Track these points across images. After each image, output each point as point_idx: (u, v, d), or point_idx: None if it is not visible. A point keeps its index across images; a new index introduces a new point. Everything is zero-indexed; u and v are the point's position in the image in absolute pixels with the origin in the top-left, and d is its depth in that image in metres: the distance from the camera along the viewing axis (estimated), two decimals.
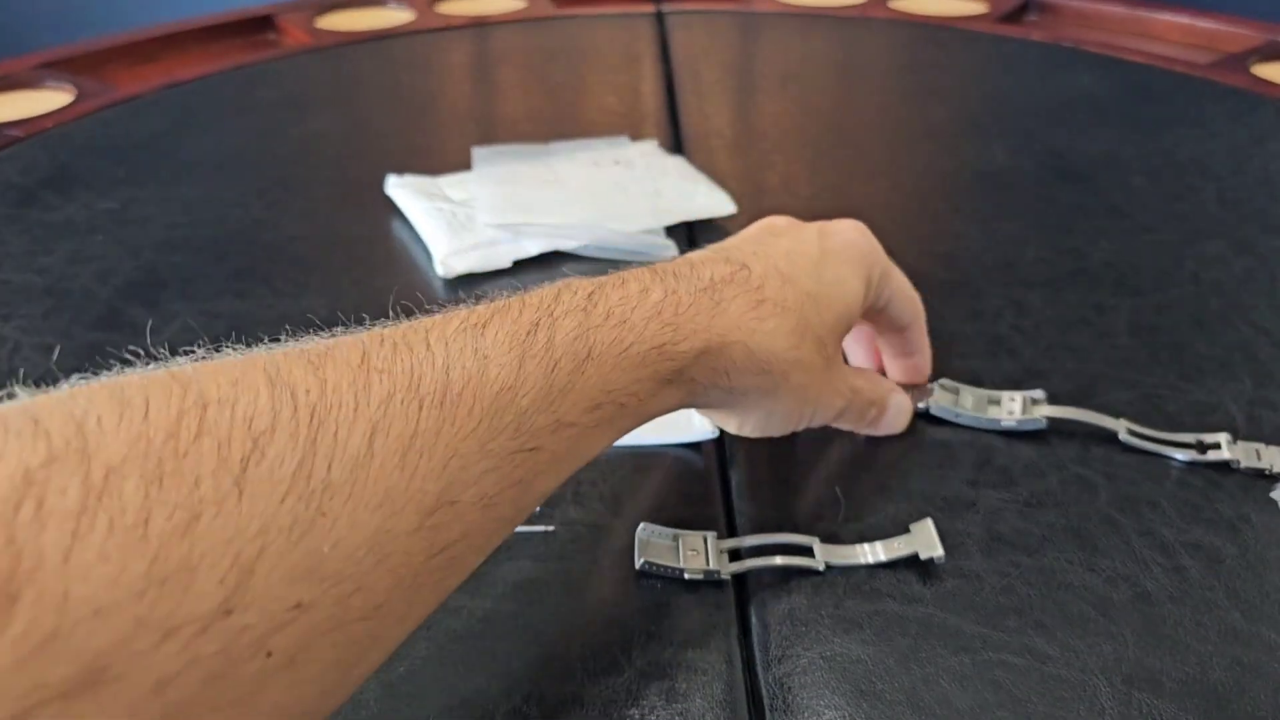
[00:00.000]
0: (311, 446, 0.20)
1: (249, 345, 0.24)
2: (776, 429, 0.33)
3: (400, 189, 0.56)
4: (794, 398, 0.32)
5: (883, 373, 0.40)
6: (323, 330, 0.27)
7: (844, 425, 0.36)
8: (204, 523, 0.17)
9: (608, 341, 0.26)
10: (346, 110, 0.74)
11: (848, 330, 0.34)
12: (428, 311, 0.26)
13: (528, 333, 0.25)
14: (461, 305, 0.26)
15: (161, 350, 0.23)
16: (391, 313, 0.46)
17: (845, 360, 0.37)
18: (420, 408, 0.22)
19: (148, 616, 0.16)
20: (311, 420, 0.20)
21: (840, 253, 0.34)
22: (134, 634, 0.16)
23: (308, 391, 0.21)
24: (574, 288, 0.27)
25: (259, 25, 0.94)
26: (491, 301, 0.26)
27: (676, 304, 0.28)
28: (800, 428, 0.34)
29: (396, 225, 0.55)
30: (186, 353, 0.22)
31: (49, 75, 0.78)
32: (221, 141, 0.67)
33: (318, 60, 0.85)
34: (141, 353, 0.24)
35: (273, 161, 0.64)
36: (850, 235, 0.35)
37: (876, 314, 0.37)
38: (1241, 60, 0.80)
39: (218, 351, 0.23)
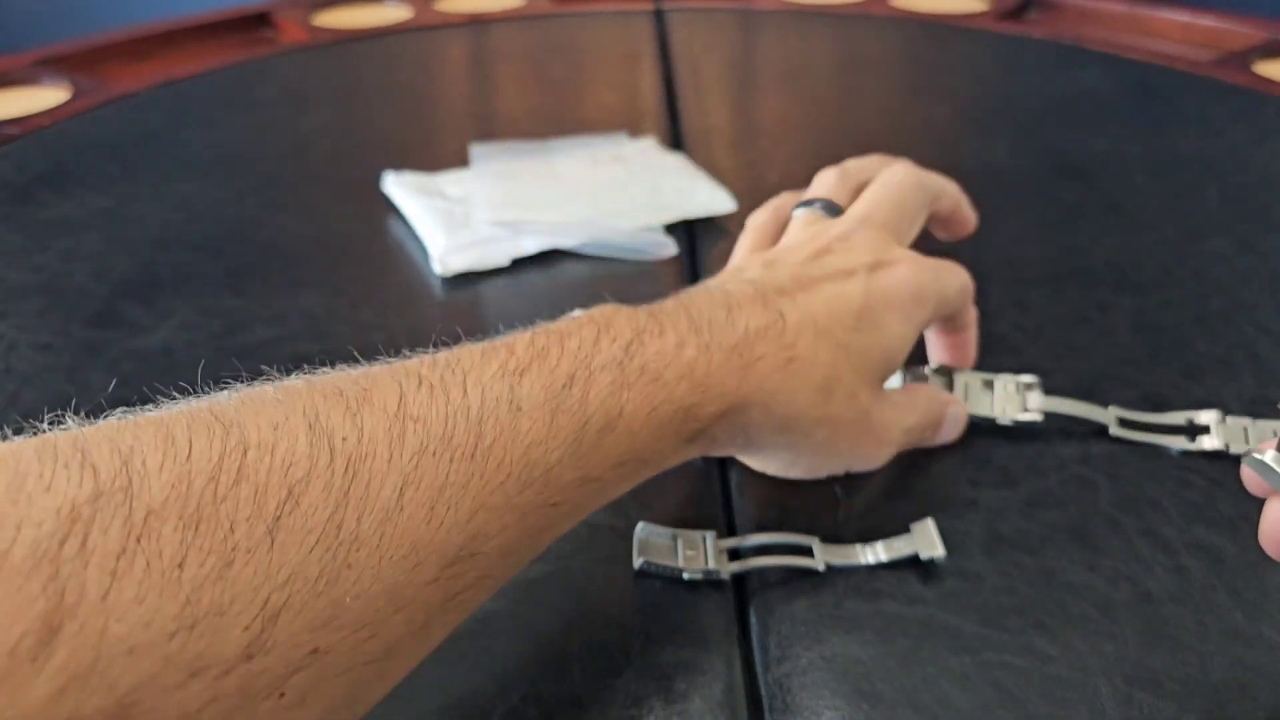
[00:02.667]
0: (344, 497, 0.20)
1: (288, 372, 0.24)
2: (803, 474, 0.33)
3: (398, 186, 0.56)
4: (819, 453, 0.31)
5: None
6: (323, 326, 0.26)
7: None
8: (235, 569, 0.18)
9: (639, 400, 0.26)
10: (344, 107, 0.73)
11: (890, 373, 0.33)
12: (447, 337, 0.27)
13: (564, 385, 0.25)
14: (504, 336, 0.26)
15: (198, 387, 0.24)
16: (390, 313, 0.46)
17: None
18: (451, 460, 0.22)
19: (177, 657, 0.17)
20: (346, 470, 0.20)
21: (889, 297, 0.32)
22: (163, 672, 0.17)
23: (344, 440, 0.21)
24: (614, 333, 0.27)
25: (256, 22, 0.94)
26: (533, 339, 0.26)
27: (709, 363, 0.28)
28: (840, 473, 0.33)
29: (394, 223, 0.54)
30: (225, 384, 0.23)
31: (45, 72, 0.78)
32: (218, 139, 0.67)
33: (315, 57, 0.85)
34: (141, 350, 0.24)
35: (270, 159, 0.64)
36: (902, 274, 0.33)
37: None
38: (1244, 58, 0.80)
39: (256, 382, 0.23)
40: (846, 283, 0.32)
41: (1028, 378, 0.38)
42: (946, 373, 0.38)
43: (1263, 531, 0.24)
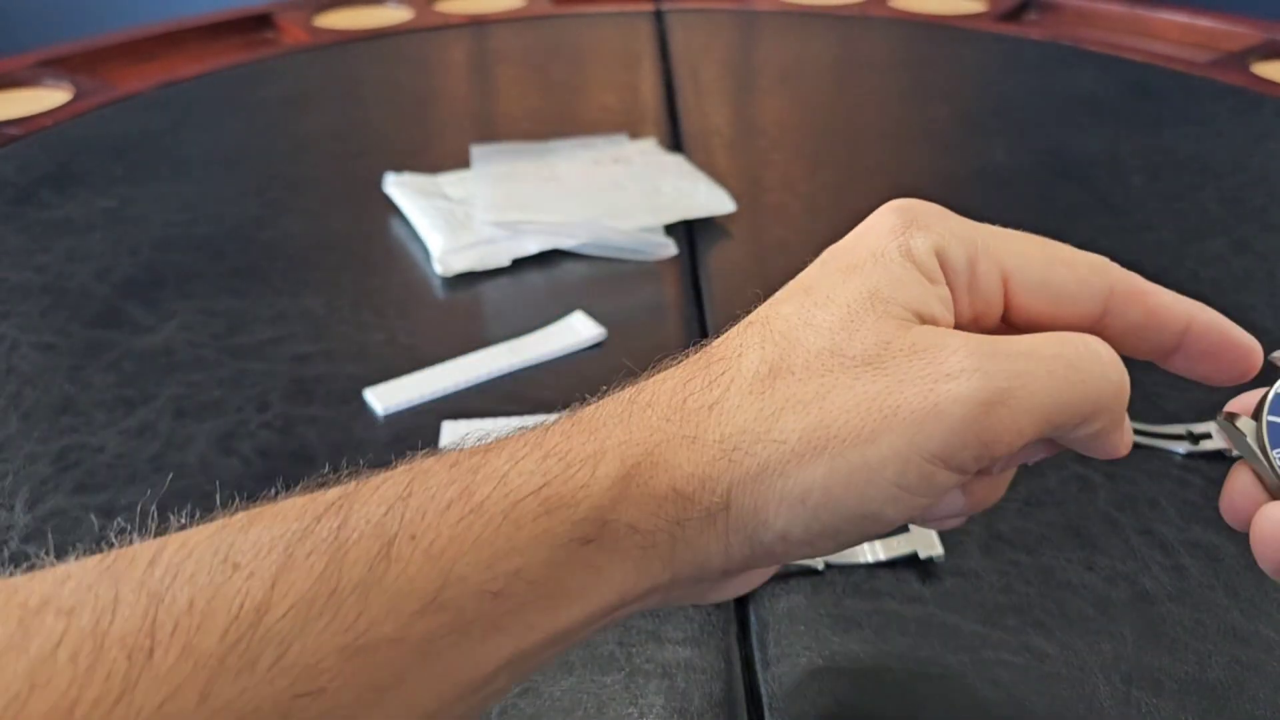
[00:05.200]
0: None
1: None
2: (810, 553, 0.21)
3: (399, 187, 0.56)
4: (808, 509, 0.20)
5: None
6: (324, 326, 0.25)
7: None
8: None
9: (438, 507, 0.18)
10: (345, 108, 0.74)
11: (918, 317, 0.21)
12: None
13: (314, 520, 0.17)
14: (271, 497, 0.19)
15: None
16: (391, 313, 0.46)
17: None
18: (96, 659, 0.15)
19: None
20: None
21: (874, 293, 0.21)
22: None
23: None
24: (421, 457, 0.20)
25: (258, 23, 0.94)
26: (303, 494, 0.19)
27: (573, 424, 0.20)
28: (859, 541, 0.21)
29: (395, 223, 0.54)
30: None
31: (47, 73, 0.78)
32: (220, 140, 0.67)
33: (316, 58, 0.85)
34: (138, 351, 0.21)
35: (271, 160, 0.64)
36: (872, 246, 0.22)
37: (1004, 309, 0.23)
38: (1241, 59, 0.80)
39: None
40: (815, 289, 0.22)
41: None
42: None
43: (1223, 500, 0.21)
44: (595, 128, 0.67)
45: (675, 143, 0.66)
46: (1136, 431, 0.37)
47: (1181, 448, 0.36)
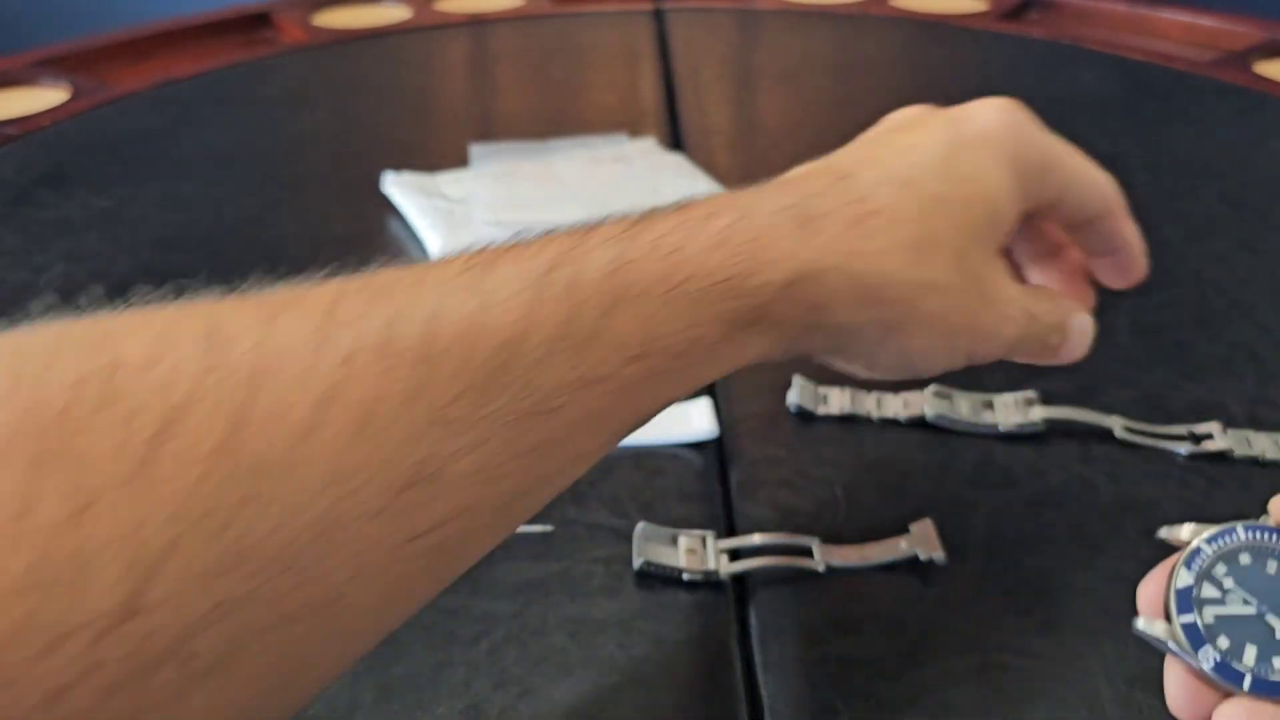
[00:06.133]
0: (242, 416, 0.16)
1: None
2: (923, 369, 0.27)
3: (398, 186, 0.56)
4: (932, 331, 0.25)
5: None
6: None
7: (1020, 358, 0.29)
8: (98, 512, 0.15)
9: (652, 277, 0.21)
10: (343, 107, 0.73)
11: (1002, 238, 0.27)
12: None
13: (548, 269, 0.21)
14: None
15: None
16: None
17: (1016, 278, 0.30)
18: (392, 367, 0.18)
19: (31, 620, 0.14)
20: (248, 385, 0.17)
21: (978, 141, 0.27)
22: (14, 640, 0.14)
23: (247, 349, 0.17)
24: (620, 217, 0.23)
25: (256, 22, 0.94)
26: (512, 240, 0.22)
27: (750, 228, 0.23)
28: (961, 365, 0.27)
29: (393, 223, 0.54)
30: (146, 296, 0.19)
31: (44, 72, 0.78)
32: (218, 139, 0.67)
33: (314, 57, 0.85)
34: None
35: (269, 159, 0.64)
36: (988, 117, 0.28)
37: (1049, 212, 0.29)
38: (1243, 58, 0.79)
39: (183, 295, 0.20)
40: (925, 133, 0.27)
41: (1028, 393, 0.38)
42: (947, 395, 0.32)
43: (1170, 699, 0.21)
44: (595, 127, 0.67)
45: (675, 142, 0.66)
46: (1138, 432, 0.37)
47: (1183, 448, 0.36)
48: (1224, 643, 0.21)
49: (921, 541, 0.31)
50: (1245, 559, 0.22)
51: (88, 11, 1.70)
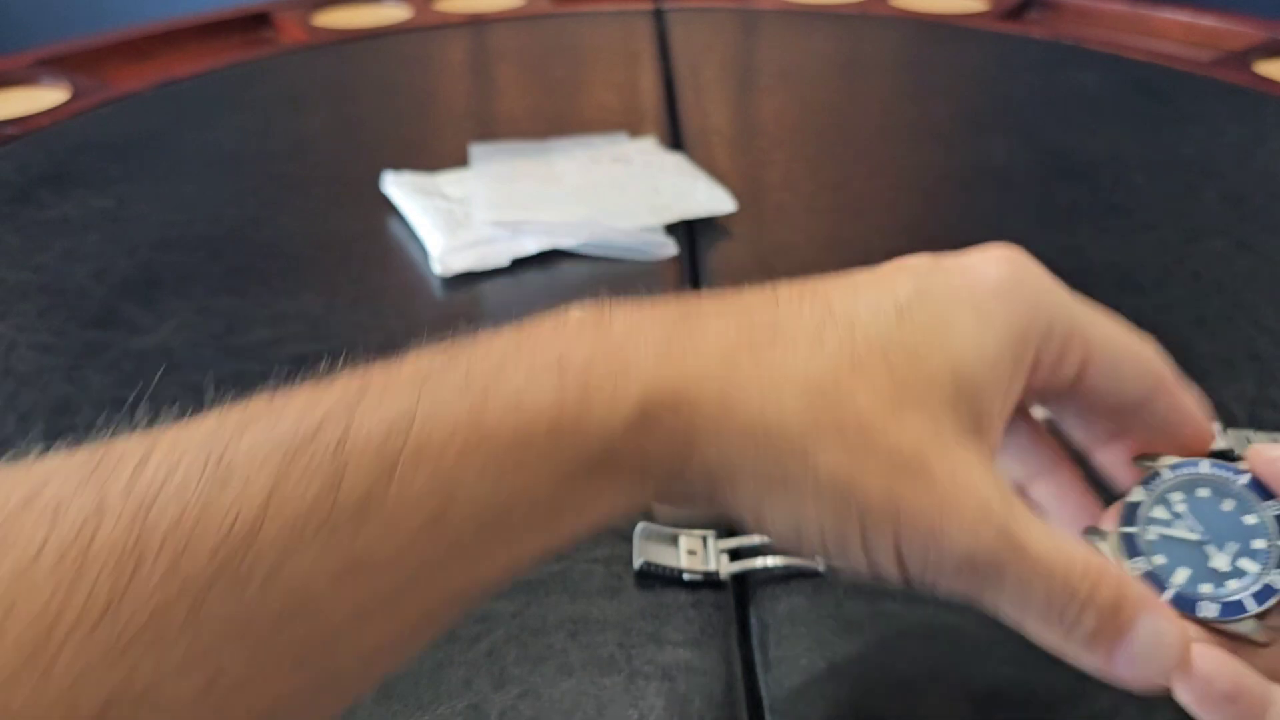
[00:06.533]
0: None
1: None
2: (832, 552, 0.20)
3: (398, 186, 0.56)
4: (834, 499, 0.19)
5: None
6: (322, 326, 0.24)
7: (1034, 630, 0.21)
8: None
9: (449, 426, 0.17)
10: (343, 108, 0.73)
11: (980, 415, 0.20)
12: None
13: (311, 433, 0.16)
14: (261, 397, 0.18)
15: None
16: (390, 313, 0.46)
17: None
18: (81, 572, 0.14)
19: None
20: None
21: (961, 293, 0.21)
22: None
23: None
24: (431, 349, 0.19)
25: (255, 22, 0.94)
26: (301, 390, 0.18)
27: (599, 343, 0.19)
28: (891, 569, 0.20)
29: (393, 223, 0.54)
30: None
31: (44, 72, 0.78)
32: (218, 139, 0.67)
33: (314, 57, 0.85)
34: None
35: (269, 159, 0.64)
36: (983, 270, 0.22)
37: (1067, 390, 0.22)
38: (1243, 58, 0.79)
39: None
40: (898, 273, 0.22)
41: None
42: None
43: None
44: (595, 127, 0.66)
45: (675, 142, 0.66)
46: None
47: None
48: (1159, 559, 0.21)
49: None
50: (1204, 492, 0.22)
51: (88, 11, 1.70)
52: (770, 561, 0.31)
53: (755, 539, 0.32)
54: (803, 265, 0.53)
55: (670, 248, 0.51)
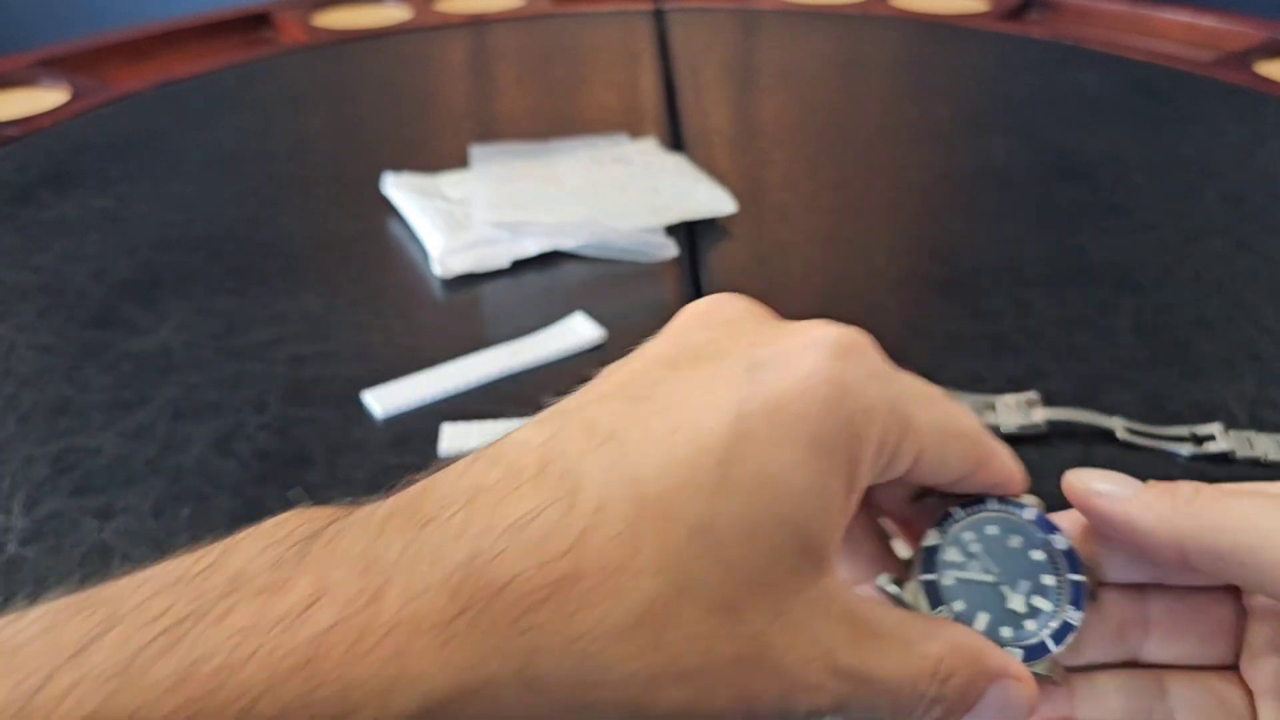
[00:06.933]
0: None
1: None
2: None
3: (398, 187, 0.56)
4: None
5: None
6: (322, 327, 0.24)
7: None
8: None
9: None
10: (344, 108, 0.73)
11: (819, 558, 0.18)
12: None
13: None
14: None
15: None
16: (390, 314, 0.46)
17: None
18: None
19: None
20: None
21: (778, 420, 0.18)
22: None
23: None
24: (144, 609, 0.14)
25: (255, 23, 0.94)
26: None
27: (353, 630, 0.14)
28: None
29: (393, 224, 0.54)
30: None
31: (44, 73, 0.78)
32: (218, 139, 0.67)
33: (314, 58, 0.85)
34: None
35: (269, 159, 0.64)
36: (797, 375, 0.18)
37: (892, 482, 0.21)
38: (1244, 58, 0.79)
39: None
40: (706, 397, 0.18)
41: (1030, 394, 0.38)
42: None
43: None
44: (595, 127, 0.66)
45: (675, 142, 0.66)
46: (1140, 433, 0.37)
47: (1185, 449, 0.36)
48: (959, 605, 0.21)
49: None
50: (992, 530, 0.22)
51: (88, 11, 1.70)
52: None
53: None
54: (802, 264, 0.53)
55: (671, 249, 0.51)
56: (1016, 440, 0.37)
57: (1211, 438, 0.36)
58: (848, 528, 0.19)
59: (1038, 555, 0.22)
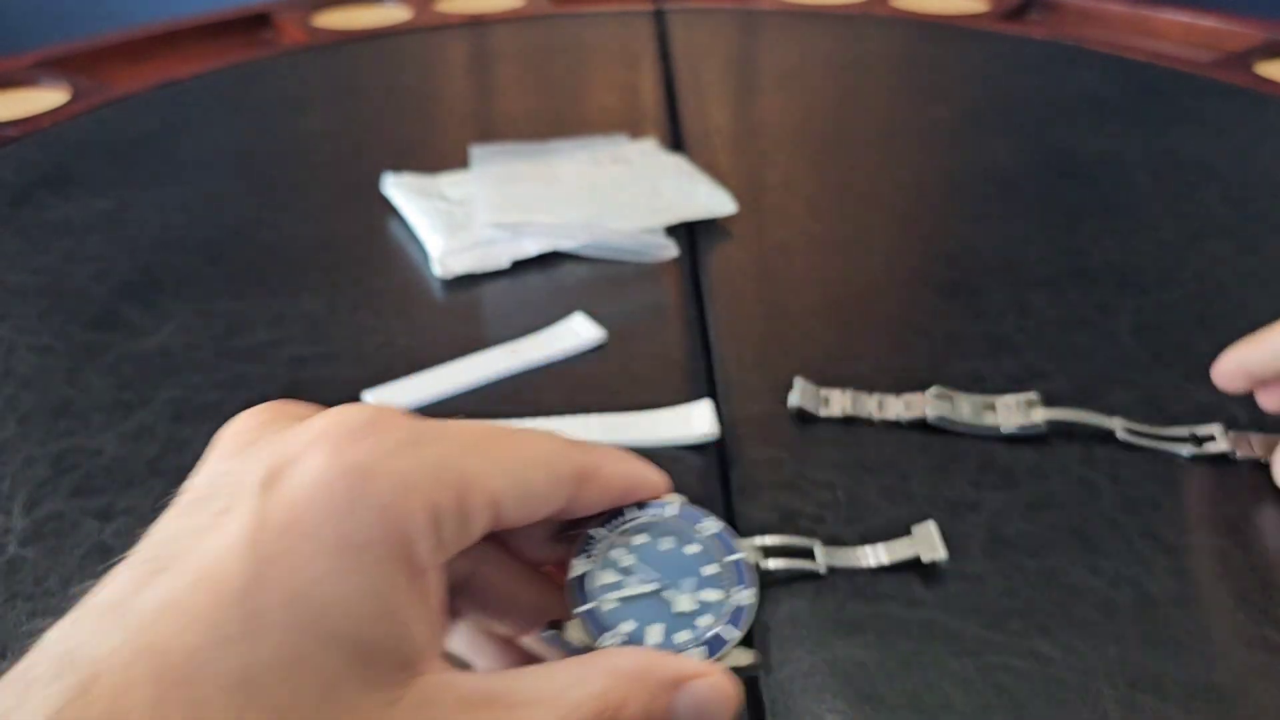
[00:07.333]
0: None
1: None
2: None
3: (398, 188, 0.56)
4: None
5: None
6: (323, 328, 0.24)
7: None
8: None
9: None
10: (344, 109, 0.73)
11: (406, 642, 0.17)
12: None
13: None
14: None
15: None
16: (390, 315, 0.46)
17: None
18: None
19: None
20: None
21: (298, 533, 0.16)
22: None
23: None
24: None
25: (255, 23, 0.94)
26: None
27: None
28: None
29: (394, 224, 0.54)
30: None
31: (44, 74, 0.78)
32: (218, 140, 0.67)
33: (314, 58, 0.85)
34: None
35: (269, 160, 0.64)
36: (306, 477, 0.17)
37: (520, 531, 0.21)
38: (1244, 59, 0.79)
39: None
40: (220, 538, 0.17)
41: (1030, 394, 0.38)
42: (949, 397, 0.23)
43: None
44: (595, 128, 0.66)
45: (676, 143, 0.66)
46: (1140, 434, 0.37)
47: (1185, 450, 0.36)
48: (628, 626, 0.20)
49: (923, 543, 0.31)
50: (641, 539, 0.21)
51: (88, 12, 1.70)
52: (771, 564, 0.31)
53: (757, 541, 0.32)
54: (803, 265, 0.53)
55: (671, 249, 0.51)
56: (1016, 441, 0.37)
57: (1211, 438, 0.36)
58: (497, 590, 0.19)
59: (692, 549, 0.21)
